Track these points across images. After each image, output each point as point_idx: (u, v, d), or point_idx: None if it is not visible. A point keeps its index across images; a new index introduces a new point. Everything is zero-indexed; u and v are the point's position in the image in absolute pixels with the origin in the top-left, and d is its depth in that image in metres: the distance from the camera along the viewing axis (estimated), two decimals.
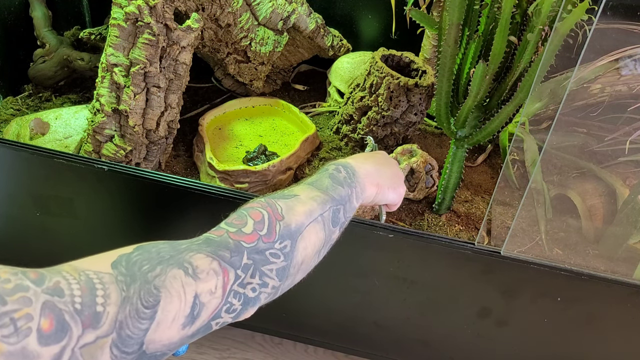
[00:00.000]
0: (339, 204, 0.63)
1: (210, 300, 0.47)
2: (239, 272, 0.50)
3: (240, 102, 1.20)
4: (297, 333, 1.07)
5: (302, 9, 1.19)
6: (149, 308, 0.41)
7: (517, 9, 0.84)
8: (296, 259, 0.56)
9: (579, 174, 1.00)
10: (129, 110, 0.93)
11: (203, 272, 0.47)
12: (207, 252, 0.48)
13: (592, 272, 0.81)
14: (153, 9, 0.90)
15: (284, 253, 0.55)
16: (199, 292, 0.46)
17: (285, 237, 0.55)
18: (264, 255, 0.53)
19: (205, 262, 0.47)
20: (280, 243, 0.54)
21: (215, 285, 0.47)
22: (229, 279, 0.49)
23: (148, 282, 0.43)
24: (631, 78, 0.99)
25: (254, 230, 0.53)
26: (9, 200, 0.96)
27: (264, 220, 0.54)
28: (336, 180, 0.65)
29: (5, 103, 1.17)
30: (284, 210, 0.57)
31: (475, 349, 0.97)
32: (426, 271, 0.88)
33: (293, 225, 0.56)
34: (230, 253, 0.50)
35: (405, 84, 1.04)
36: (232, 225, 0.53)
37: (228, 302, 0.49)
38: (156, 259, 0.45)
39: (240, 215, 0.55)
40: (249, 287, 0.51)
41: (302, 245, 0.57)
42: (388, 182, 0.74)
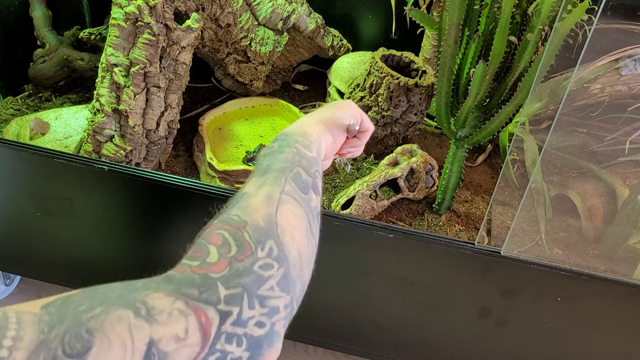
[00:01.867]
0: (292, 169, 0.53)
1: (179, 349, 0.35)
2: (221, 307, 0.38)
3: (240, 102, 1.20)
4: (297, 333, 1.07)
5: (302, 9, 1.19)
6: (72, 357, 0.32)
7: (517, 9, 0.84)
8: (292, 255, 0.46)
9: (579, 174, 1.00)
10: (129, 110, 0.93)
11: (162, 314, 0.36)
12: (167, 290, 0.38)
13: (592, 272, 0.81)
14: (153, 9, 0.90)
15: (275, 258, 0.44)
16: (157, 338, 0.35)
17: (263, 238, 0.44)
18: (254, 274, 0.41)
19: (166, 302, 0.37)
20: (262, 249, 0.44)
21: (184, 328, 0.36)
22: (209, 319, 0.37)
23: (79, 324, 0.33)
24: (631, 78, 0.99)
25: (219, 256, 0.42)
26: (9, 200, 0.96)
27: (227, 239, 0.43)
28: (272, 153, 0.55)
29: (5, 103, 1.17)
30: (241, 214, 0.46)
31: (475, 349, 0.97)
32: (426, 271, 0.88)
33: (261, 221, 0.46)
34: (198, 289, 0.39)
35: (405, 84, 1.04)
36: (193, 258, 0.42)
37: (218, 351, 0.37)
38: (100, 298, 0.36)
39: (199, 246, 0.44)
40: (252, 323, 0.40)
41: (288, 236, 0.47)
42: (329, 112, 0.64)
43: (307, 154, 0.56)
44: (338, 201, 0.98)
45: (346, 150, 0.69)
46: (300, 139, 0.57)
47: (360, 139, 0.69)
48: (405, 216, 1.03)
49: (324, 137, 0.61)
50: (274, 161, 0.53)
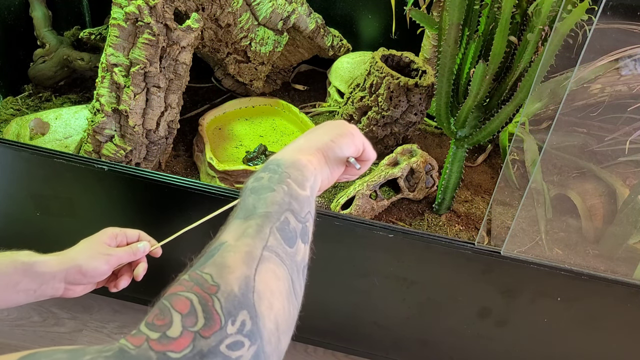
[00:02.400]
0: (280, 215, 0.47)
1: None
2: None
3: (240, 102, 1.20)
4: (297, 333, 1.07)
5: (302, 9, 1.19)
6: None
7: (517, 9, 0.84)
8: (267, 329, 0.41)
9: (579, 174, 1.00)
10: (129, 110, 0.93)
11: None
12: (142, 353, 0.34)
13: (592, 272, 0.81)
14: (153, 9, 0.90)
15: (246, 334, 0.38)
16: None
17: (235, 310, 0.39)
18: (219, 356, 0.36)
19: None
20: (233, 323, 0.38)
21: None
22: None
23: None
24: (631, 78, 0.99)
25: (183, 329, 0.37)
26: (9, 200, 0.96)
27: (194, 307, 0.38)
28: (260, 189, 0.49)
29: (5, 103, 1.17)
30: (215, 275, 0.41)
31: (475, 349, 0.97)
32: (426, 271, 0.88)
33: (236, 287, 0.40)
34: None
35: (405, 84, 1.04)
36: (153, 327, 0.37)
37: None
38: None
39: (162, 311, 0.38)
40: None
41: (265, 304, 0.41)
42: (328, 138, 0.57)
43: (299, 194, 0.50)
44: (338, 201, 0.98)
45: (343, 178, 0.63)
46: (294, 173, 0.51)
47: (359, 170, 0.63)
48: (405, 216, 1.03)
49: (320, 171, 0.55)
50: (260, 202, 0.48)
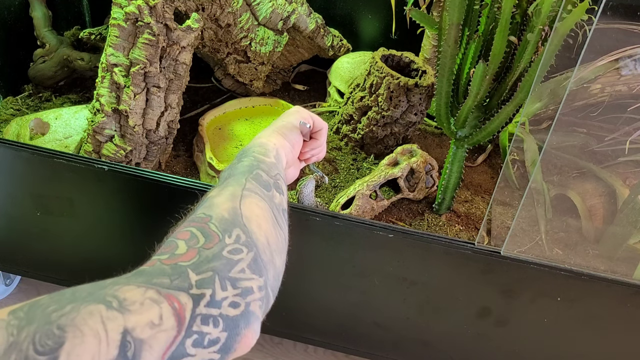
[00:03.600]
0: (252, 171, 0.55)
1: (155, 335, 0.36)
2: (193, 292, 0.39)
3: (240, 102, 1.20)
4: (297, 333, 1.07)
5: (302, 9, 1.19)
6: (44, 354, 0.31)
7: (517, 9, 0.84)
8: (260, 242, 0.47)
9: (579, 174, 1.00)
10: (129, 110, 0.93)
11: (135, 304, 0.36)
12: (138, 282, 0.38)
13: (592, 272, 0.81)
14: (153, 9, 0.90)
15: (243, 243, 0.45)
16: (131, 327, 0.35)
17: (229, 227, 0.46)
18: (223, 259, 0.43)
19: (137, 293, 0.37)
20: (230, 236, 0.45)
21: (157, 315, 0.36)
22: (182, 304, 0.38)
23: (49, 323, 0.33)
24: (631, 78, 0.99)
25: (188, 247, 0.43)
26: (9, 200, 0.96)
27: (194, 233, 0.45)
28: (231, 166, 0.57)
29: (5, 103, 1.17)
30: (206, 211, 0.48)
31: (475, 349, 0.97)
32: (426, 271, 0.88)
33: (226, 213, 0.47)
34: (169, 278, 0.39)
35: (405, 84, 1.04)
36: (162, 253, 0.44)
37: (195, 333, 0.38)
38: (69, 298, 0.36)
39: (167, 243, 0.45)
40: (226, 304, 0.40)
41: (254, 224, 0.48)
42: (279, 121, 0.67)
43: (265, 159, 0.58)
44: (338, 201, 0.98)
45: (309, 154, 0.71)
46: (257, 149, 0.60)
47: (318, 139, 0.70)
48: (405, 216, 1.03)
49: (281, 146, 0.63)
50: (233, 170, 0.56)
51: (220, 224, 0.46)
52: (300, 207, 0.85)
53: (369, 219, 0.89)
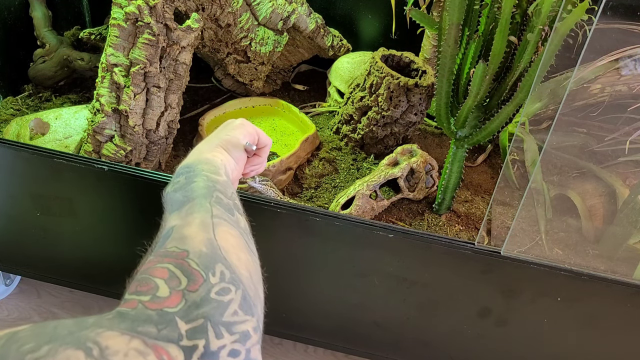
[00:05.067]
0: (211, 194, 0.51)
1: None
2: (184, 343, 0.35)
3: (240, 102, 1.20)
4: (297, 333, 1.07)
5: (302, 9, 1.19)
6: None
7: (517, 9, 0.84)
8: (244, 276, 0.43)
9: (579, 174, 1.00)
10: (129, 110, 0.93)
11: (118, 354, 0.33)
12: (121, 329, 0.35)
13: (592, 272, 0.81)
14: (153, 9, 0.90)
15: (229, 281, 0.41)
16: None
17: (211, 263, 0.42)
18: (213, 302, 0.38)
19: (121, 342, 0.33)
20: (214, 274, 0.41)
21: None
22: (172, 357, 0.34)
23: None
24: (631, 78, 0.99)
25: (170, 290, 0.39)
26: (9, 200, 0.96)
27: (173, 272, 0.40)
28: (183, 186, 0.53)
29: (5, 103, 1.17)
30: (180, 245, 0.43)
31: (475, 349, 0.97)
32: (426, 271, 0.88)
33: (203, 247, 0.43)
34: (156, 327, 0.36)
35: (405, 84, 1.04)
36: (141, 293, 0.39)
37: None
38: (47, 335, 0.32)
39: (144, 280, 0.40)
40: (225, 353, 0.37)
41: (234, 257, 0.44)
42: (223, 134, 0.63)
43: (218, 179, 0.54)
44: (338, 201, 0.98)
45: (249, 169, 0.68)
46: (206, 166, 0.55)
47: (260, 156, 0.68)
48: (405, 216, 1.03)
49: (226, 162, 0.60)
50: (188, 192, 0.51)
51: (201, 261, 0.41)
52: (300, 207, 0.86)
53: (369, 219, 0.89)
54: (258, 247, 0.54)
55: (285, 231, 0.89)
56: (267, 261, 0.95)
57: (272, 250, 0.93)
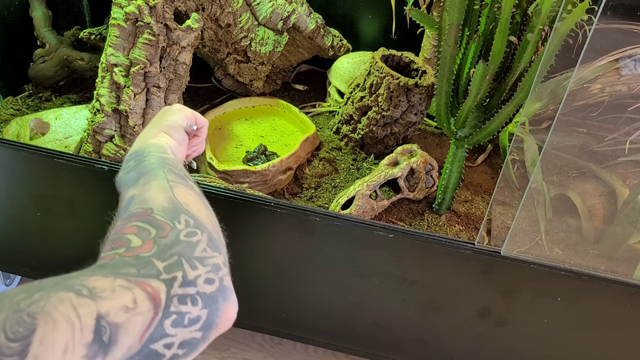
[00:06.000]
0: (163, 166, 0.55)
1: (130, 319, 0.36)
2: (164, 277, 0.39)
3: (240, 102, 1.20)
4: (297, 333, 1.07)
5: (302, 9, 1.19)
6: (16, 341, 0.31)
7: (517, 9, 0.84)
8: (206, 223, 0.48)
9: (579, 174, 1.00)
10: (129, 110, 0.93)
11: (105, 291, 0.36)
12: (104, 273, 0.38)
13: (592, 272, 0.81)
14: (153, 9, 0.90)
15: (194, 226, 0.45)
16: (104, 312, 0.35)
17: (175, 215, 0.46)
18: (183, 242, 0.43)
19: (106, 282, 0.37)
20: (179, 222, 0.45)
21: (131, 299, 0.36)
22: (154, 288, 0.38)
23: (19, 311, 0.32)
24: (631, 78, 0.99)
25: (142, 240, 0.42)
26: (9, 200, 0.96)
27: (141, 226, 0.44)
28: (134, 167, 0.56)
29: (5, 103, 1.17)
30: (143, 205, 0.47)
31: (475, 349, 0.97)
32: (426, 271, 0.88)
33: (165, 203, 0.47)
34: (135, 268, 0.39)
35: (405, 84, 1.04)
36: (116, 248, 0.42)
37: (174, 313, 0.38)
38: (37, 287, 0.35)
39: (116, 239, 0.44)
40: (201, 281, 0.41)
41: (194, 209, 0.48)
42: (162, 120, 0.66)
43: (166, 157, 0.57)
44: (338, 201, 0.98)
45: (191, 149, 0.72)
46: (153, 149, 0.59)
47: (200, 136, 0.72)
48: (405, 216, 1.03)
49: (171, 144, 0.63)
50: (141, 169, 0.54)
51: (165, 214, 0.45)
52: (300, 207, 0.86)
53: (369, 219, 0.89)
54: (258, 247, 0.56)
55: (285, 231, 0.89)
56: (267, 261, 0.95)
57: (272, 250, 0.93)
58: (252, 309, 1.05)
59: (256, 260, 0.94)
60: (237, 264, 0.97)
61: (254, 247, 0.92)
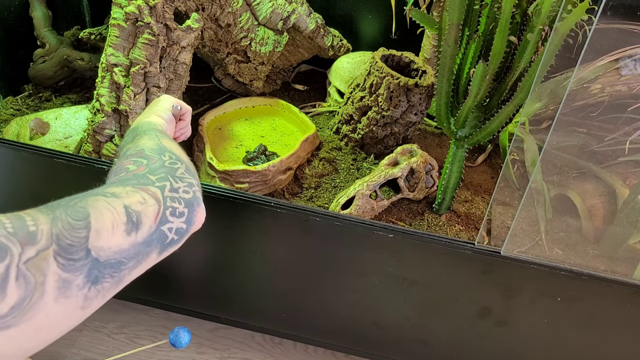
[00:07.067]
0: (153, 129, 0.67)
1: (146, 208, 0.50)
2: (158, 184, 0.54)
3: (240, 102, 1.20)
4: (297, 333, 1.07)
5: (302, 9, 1.19)
6: (80, 220, 0.43)
7: (517, 9, 0.84)
8: (185, 159, 0.62)
9: (579, 174, 1.00)
10: (129, 110, 0.93)
11: (122, 193, 0.50)
12: (115, 185, 0.52)
13: (592, 272, 0.81)
14: (153, 9, 0.90)
15: (175, 159, 0.60)
16: (128, 204, 0.48)
17: (161, 151, 0.60)
18: (167, 167, 0.58)
19: (119, 189, 0.51)
20: (163, 155, 0.60)
21: (141, 197, 0.51)
22: (154, 191, 0.53)
23: (70, 206, 0.44)
24: (631, 78, 0.99)
25: (137, 166, 0.57)
26: (9, 200, 0.96)
27: (136, 160, 0.58)
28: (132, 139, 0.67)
29: (5, 103, 1.17)
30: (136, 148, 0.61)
31: (475, 349, 0.97)
32: (426, 271, 0.88)
33: (153, 145, 0.62)
34: (136, 180, 0.54)
35: (405, 84, 1.04)
36: (118, 173, 0.57)
37: (169, 207, 0.53)
38: (69, 198, 0.47)
39: (117, 170, 0.58)
40: (182, 191, 0.56)
41: (175, 149, 0.63)
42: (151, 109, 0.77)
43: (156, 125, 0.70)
44: (338, 201, 0.98)
45: (178, 133, 0.82)
46: (145, 124, 0.70)
47: (185, 119, 0.82)
48: (405, 216, 1.03)
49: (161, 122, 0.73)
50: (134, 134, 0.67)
51: (153, 151, 0.60)
52: (300, 207, 0.86)
53: (369, 219, 0.89)
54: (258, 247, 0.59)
55: (285, 231, 0.89)
56: (267, 261, 0.95)
57: (272, 250, 0.93)
58: (252, 309, 1.05)
59: (256, 260, 0.94)
60: (237, 264, 0.98)
61: (254, 247, 0.92)
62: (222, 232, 0.91)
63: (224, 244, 0.93)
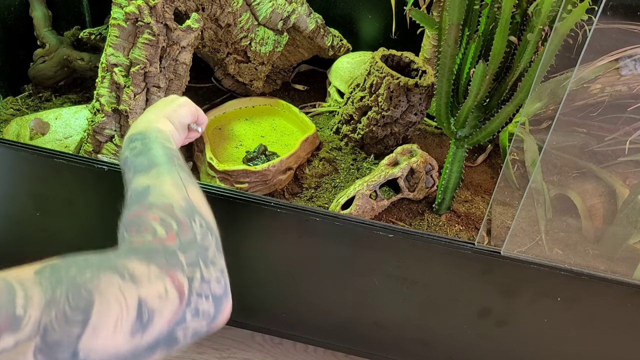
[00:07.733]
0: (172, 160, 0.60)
1: (163, 305, 0.42)
2: (188, 271, 0.46)
3: (240, 102, 1.20)
4: (297, 333, 1.07)
5: (302, 9, 1.19)
6: (79, 310, 0.37)
7: (517, 9, 0.84)
8: (213, 224, 0.55)
9: (579, 174, 1.00)
10: (129, 110, 0.93)
11: (143, 277, 0.42)
12: (140, 258, 0.44)
13: (592, 272, 0.81)
14: (153, 9, 0.90)
15: (206, 228, 0.52)
16: (144, 297, 0.41)
17: (191, 214, 0.52)
18: (199, 244, 0.49)
19: (143, 268, 0.43)
20: (195, 223, 0.51)
21: (164, 288, 0.43)
22: (181, 281, 0.44)
23: (77, 286, 0.38)
24: (631, 78, 0.99)
25: (166, 231, 0.48)
26: (9, 200, 0.96)
27: (164, 218, 0.50)
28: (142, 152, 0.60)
29: (5, 103, 1.17)
30: (163, 199, 0.53)
31: (475, 349, 0.97)
32: (426, 271, 0.88)
33: (182, 202, 0.53)
34: (164, 258, 0.45)
35: (405, 84, 1.04)
36: (143, 233, 0.48)
37: (193, 304, 0.45)
38: (84, 264, 0.41)
39: (141, 224, 0.50)
40: (214, 281, 0.48)
41: (204, 210, 0.55)
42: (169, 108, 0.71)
43: (172, 147, 0.63)
44: (338, 201, 0.98)
45: (187, 140, 0.77)
46: (159, 134, 0.63)
47: (198, 132, 0.77)
48: (405, 216, 1.03)
49: (173, 132, 0.68)
50: (151, 158, 0.59)
51: (182, 212, 0.52)
52: (300, 207, 0.86)
53: (369, 219, 0.89)
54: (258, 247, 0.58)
55: (285, 231, 0.89)
56: (267, 261, 0.95)
57: (272, 250, 0.93)
58: (252, 309, 1.05)
59: (256, 260, 0.94)
60: (237, 264, 0.97)
61: (254, 247, 0.92)
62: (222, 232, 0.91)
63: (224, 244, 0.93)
